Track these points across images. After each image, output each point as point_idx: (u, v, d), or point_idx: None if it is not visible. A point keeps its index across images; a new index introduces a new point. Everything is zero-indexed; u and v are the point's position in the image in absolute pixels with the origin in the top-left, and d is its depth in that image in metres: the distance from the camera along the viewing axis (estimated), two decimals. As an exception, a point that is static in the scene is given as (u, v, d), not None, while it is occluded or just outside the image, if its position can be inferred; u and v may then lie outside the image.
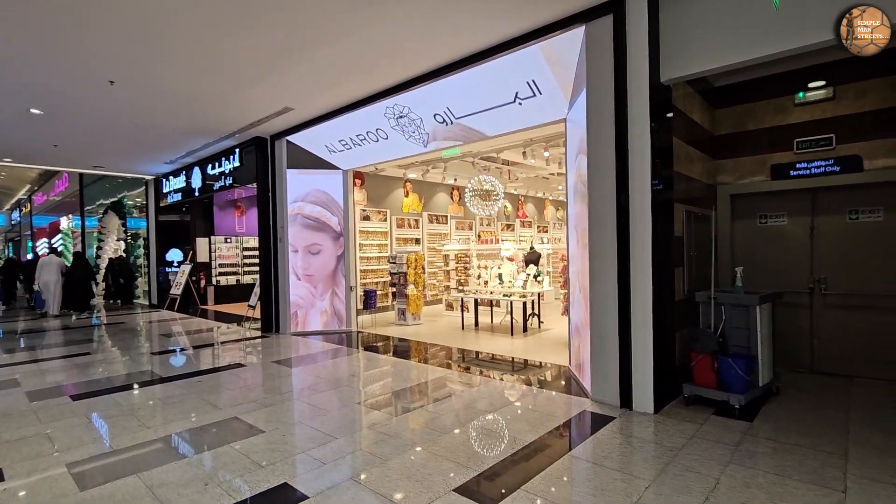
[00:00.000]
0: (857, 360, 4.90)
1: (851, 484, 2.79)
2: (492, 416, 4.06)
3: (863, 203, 4.85)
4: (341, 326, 8.54)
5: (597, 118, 4.33)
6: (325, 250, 8.58)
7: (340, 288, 8.62)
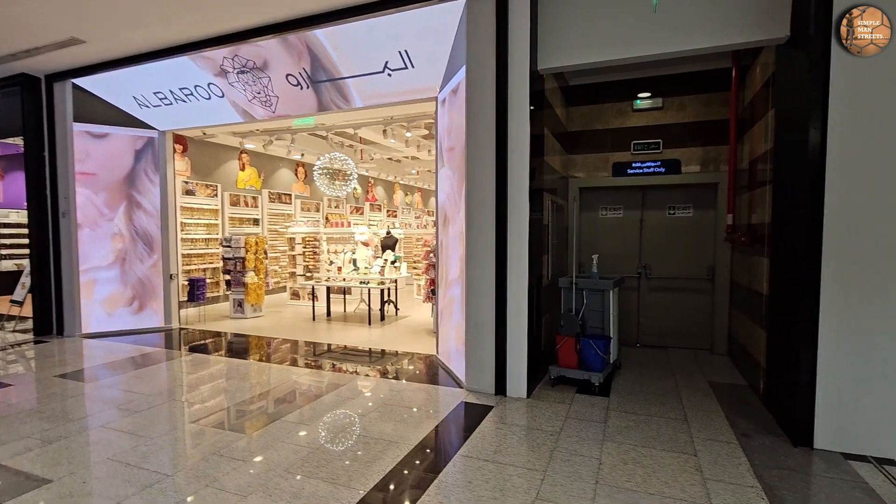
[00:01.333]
0: (670, 334, 5.82)
1: (699, 446, 3.17)
2: (365, 419, 3.63)
3: (679, 200, 5.73)
4: (158, 323, 6.99)
5: (477, 101, 4.16)
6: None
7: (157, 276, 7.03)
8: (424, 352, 5.68)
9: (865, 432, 3.03)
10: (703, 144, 5.49)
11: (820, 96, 3.00)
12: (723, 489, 2.64)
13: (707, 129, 5.45)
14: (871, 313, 2.98)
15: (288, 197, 11.35)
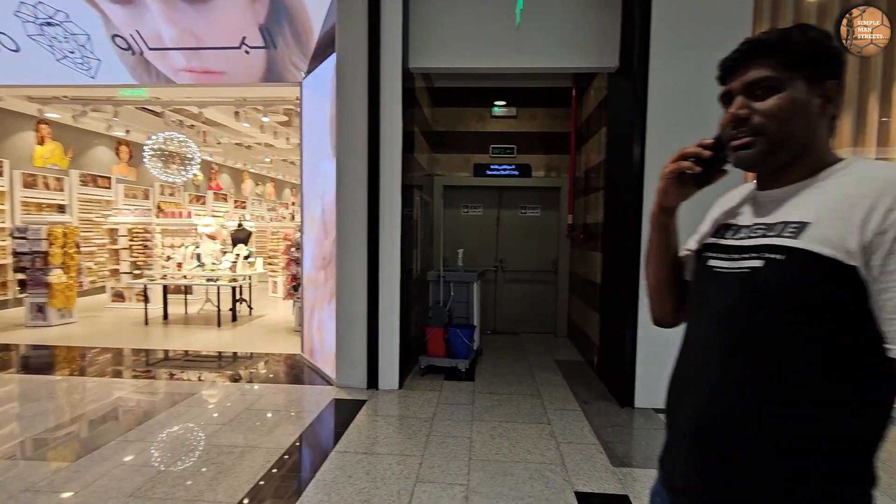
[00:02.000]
0: (522, 321, 6.47)
1: (552, 416, 3.62)
2: (225, 428, 3.30)
3: (530, 201, 6.40)
4: (-88, 338, 5.31)
5: (348, 91, 4.07)
6: None
7: None
8: (287, 351, 5.36)
9: (668, 390, 3.81)
10: (548, 152, 6.22)
11: (641, 118, 3.66)
12: (572, 449, 3.06)
13: (553, 139, 6.19)
14: (673, 295, 3.75)
15: (106, 180, 9.58)
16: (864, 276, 0.74)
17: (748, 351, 0.81)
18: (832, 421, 0.76)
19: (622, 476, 2.76)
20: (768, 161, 0.86)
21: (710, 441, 0.85)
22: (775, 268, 0.79)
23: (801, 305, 0.76)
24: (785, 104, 0.82)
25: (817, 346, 0.76)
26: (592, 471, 2.81)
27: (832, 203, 0.78)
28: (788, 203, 0.85)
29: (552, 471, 2.79)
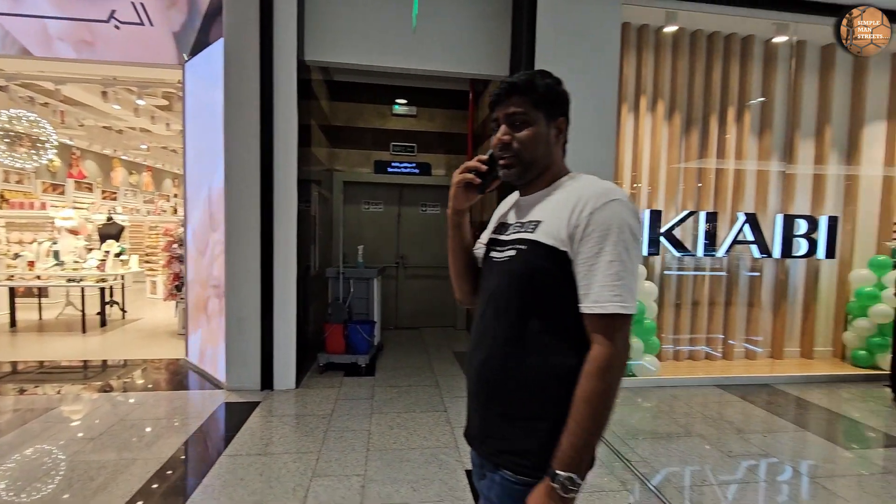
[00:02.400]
0: (422, 315, 6.64)
1: (448, 404, 3.81)
2: (96, 444, 2.99)
3: (430, 199, 6.58)
4: None
5: (238, 78, 3.87)
6: None
7: None
8: (169, 356, 4.94)
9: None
10: (448, 152, 6.45)
11: (527, 125, 3.98)
12: (466, 432, 3.26)
13: (452, 139, 6.42)
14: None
15: (-72, 164, 7.93)
16: (571, 258, 1.01)
17: (504, 317, 1.08)
18: (556, 359, 1.03)
19: (509, 452, 3.01)
20: (524, 176, 1.12)
21: (482, 389, 1.12)
22: (520, 255, 1.07)
23: (534, 281, 1.04)
24: (533, 135, 1.08)
25: (546, 309, 1.04)
26: (483, 450, 3.02)
27: (555, 206, 1.07)
28: (534, 207, 1.12)
29: (446, 453, 2.96)
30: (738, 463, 2.96)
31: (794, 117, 5.03)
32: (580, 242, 1.00)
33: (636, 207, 1.06)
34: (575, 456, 0.96)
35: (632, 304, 0.98)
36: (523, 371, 1.05)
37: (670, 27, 4.52)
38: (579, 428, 0.97)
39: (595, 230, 0.99)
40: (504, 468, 1.07)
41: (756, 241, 4.89)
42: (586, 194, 1.03)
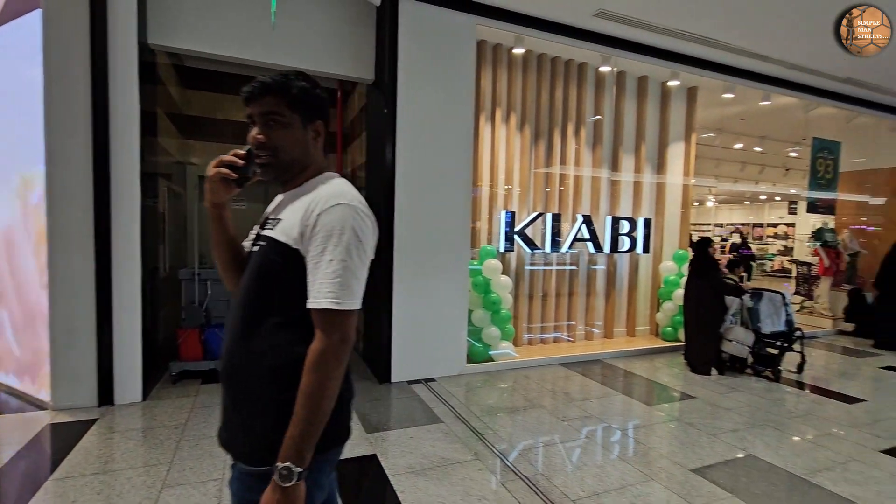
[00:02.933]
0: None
1: (315, 401, 3.80)
2: None
3: (298, 197, 6.40)
4: None
5: (61, 60, 3.38)
6: None
7: None
8: (-30, 380, 4.11)
9: (418, 365, 4.44)
10: (316, 150, 6.35)
11: (391, 128, 4.16)
12: (333, 427, 3.32)
13: (319, 137, 6.33)
14: (418, 285, 4.38)
15: None
16: (304, 255, 1.07)
17: (243, 311, 1.12)
18: (288, 354, 1.07)
19: (374, 440, 3.15)
20: (280, 175, 1.18)
21: (223, 381, 1.15)
22: (261, 251, 1.13)
23: (270, 277, 1.10)
24: (290, 137, 1.14)
25: (281, 304, 1.09)
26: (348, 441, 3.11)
27: (297, 205, 1.12)
28: (286, 204, 1.17)
29: (311, 448, 2.99)
30: (571, 426, 3.48)
31: (618, 134, 5.99)
32: (308, 242, 1.06)
33: (366, 212, 1.14)
34: (293, 447, 0.98)
35: (349, 301, 1.04)
36: (255, 364, 1.08)
37: (519, 49, 5.07)
38: (297, 419, 0.99)
39: (320, 231, 1.05)
40: (239, 460, 1.10)
41: (591, 239, 5.73)
42: (320, 196, 1.09)
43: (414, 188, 4.29)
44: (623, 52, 5.26)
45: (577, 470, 2.84)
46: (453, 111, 4.42)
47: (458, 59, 4.42)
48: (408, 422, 3.46)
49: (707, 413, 3.82)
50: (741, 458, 3.05)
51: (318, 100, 1.18)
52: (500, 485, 2.64)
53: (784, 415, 3.84)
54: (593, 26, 4.89)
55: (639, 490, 2.62)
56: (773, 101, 6.62)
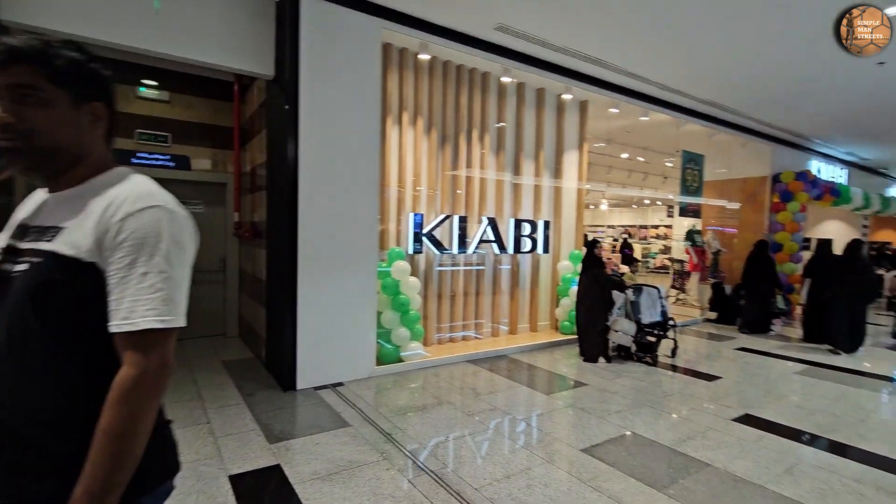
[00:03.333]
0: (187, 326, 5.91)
1: (212, 415, 3.56)
2: None
3: (191, 196, 5.92)
4: None
5: None
6: None
7: None
8: None
9: (325, 370, 4.34)
10: (213, 146, 5.93)
11: (293, 126, 4.03)
12: (231, 440, 3.14)
13: (216, 132, 5.93)
14: (324, 288, 4.29)
15: None
16: (102, 269, 0.88)
17: (18, 346, 0.86)
18: (81, 391, 0.88)
19: (276, 450, 3.03)
20: (38, 167, 0.93)
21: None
22: (34, 269, 0.87)
23: (50, 301, 0.86)
24: (50, 118, 0.89)
25: (69, 333, 0.87)
26: (249, 453, 2.97)
27: (83, 209, 0.91)
28: (60, 208, 0.94)
29: (207, 464, 2.80)
30: (477, 419, 3.63)
31: (520, 141, 6.35)
32: (110, 252, 0.87)
33: (183, 213, 1.00)
34: (92, 501, 0.79)
35: (174, 316, 0.90)
36: (39, 410, 0.87)
37: (424, 55, 5.18)
38: (96, 468, 0.81)
39: (128, 239, 0.87)
40: None
41: (496, 240, 6.01)
42: (121, 197, 0.90)
43: (319, 188, 4.19)
44: (522, 65, 5.60)
45: (481, 460, 2.98)
46: (359, 112, 4.40)
47: (363, 61, 4.40)
48: (314, 428, 3.38)
49: (597, 398, 4.20)
50: (622, 435, 3.41)
51: (96, 76, 0.95)
52: (408, 482, 2.68)
53: (659, 395, 4.34)
54: (494, 39, 5.15)
55: (536, 472, 2.82)
56: (651, 117, 7.46)
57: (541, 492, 2.62)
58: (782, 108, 7.75)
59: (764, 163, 9.69)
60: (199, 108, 5.84)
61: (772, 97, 7.14)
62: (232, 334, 6.19)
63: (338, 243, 4.33)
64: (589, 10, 4.47)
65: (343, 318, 4.40)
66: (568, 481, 2.74)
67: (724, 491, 2.69)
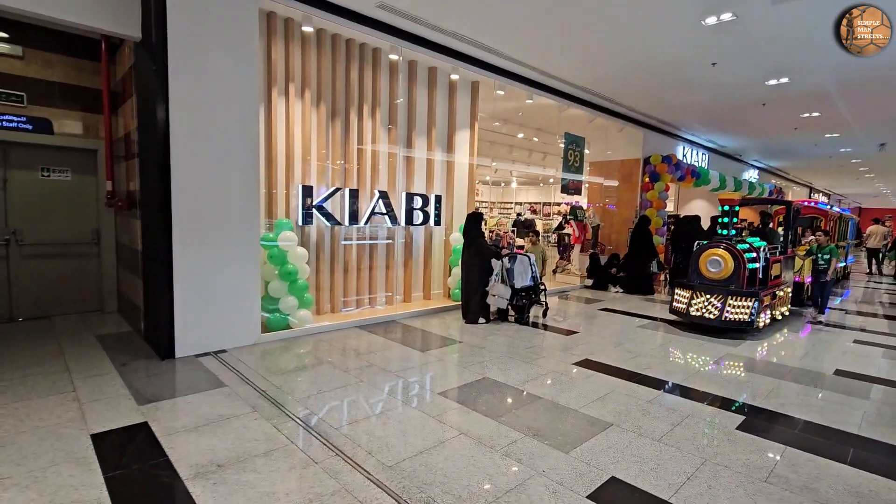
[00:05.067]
0: (55, 302, 5.56)
1: (79, 384, 3.54)
2: None
3: (55, 162, 5.49)
4: None
5: None
6: None
7: None
8: None
9: (206, 337, 4.40)
10: (82, 109, 5.51)
11: (163, 91, 3.95)
12: (99, 405, 3.19)
13: (84, 94, 5.51)
14: (202, 256, 4.32)
15: None
16: None
17: None
18: None
19: (146, 410, 3.14)
20: None
21: None
22: None
23: None
24: None
25: None
26: (116, 415, 3.05)
27: None
28: None
29: (68, 427, 2.86)
30: (351, 374, 3.97)
31: (412, 118, 6.62)
32: None
33: None
34: None
35: None
36: None
37: (308, 27, 5.21)
38: None
39: None
40: None
41: (388, 213, 6.29)
42: None
43: (193, 155, 4.17)
44: (409, 43, 5.84)
45: (346, 406, 3.32)
46: (236, 78, 4.38)
47: (239, 27, 4.37)
48: (189, 390, 3.51)
49: (467, 353, 4.73)
50: (477, 380, 3.94)
51: None
52: (273, 427, 2.95)
53: (522, 348, 4.98)
54: (378, 15, 5.31)
55: (394, 413, 3.23)
56: (536, 100, 8.08)
57: (394, 427, 3.03)
58: (648, 98, 8.77)
59: (637, 146, 10.89)
60: (62, 67, 5.38)
61: (638, 87, 8.07)
62: (110, 310, 5.91)
63: (215, 212, 4.36)
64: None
65: (224, 287, 4.47)
66: (420, 417, 3.18)
67: (545, 415, 3.29)
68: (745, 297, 5.75)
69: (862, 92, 7.74)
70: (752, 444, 2.98)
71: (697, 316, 5.93)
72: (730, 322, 5.73)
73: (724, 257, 5.93)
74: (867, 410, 3.61)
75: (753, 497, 2.40)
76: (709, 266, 6.04)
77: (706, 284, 6.02)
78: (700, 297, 5.99)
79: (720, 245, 6.04)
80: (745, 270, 5.86)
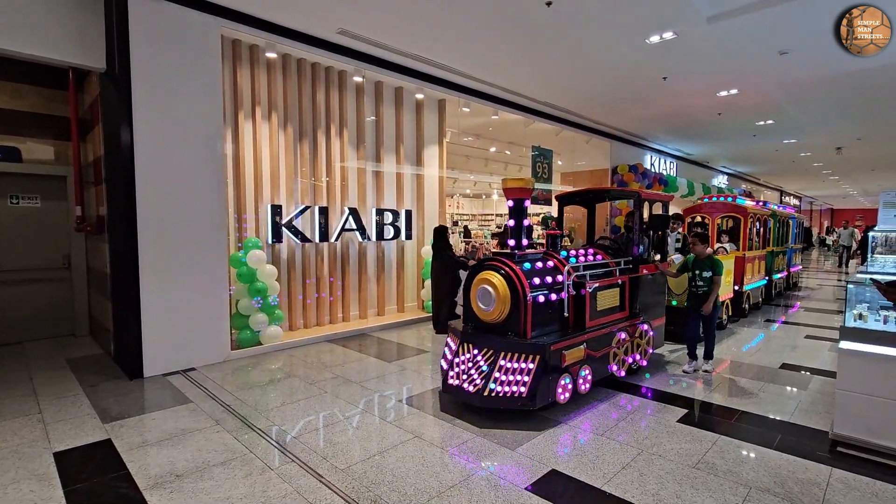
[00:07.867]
0: (26, 327, 5.60)
1: (45, 406, 3.61)
2: None
3: (24, 190, 5.57)
4: None
5: None
6: None
7: None
8: None
9: (174, 357, 4.49)
10: (53, 137, 5.63)
11: (128, 119, 4.11)
12: (63, 425, 3.27)
13: (54, 123, 5.62)
14: (169, 277, 4.43)
15: None
16: None
17: None
18: None
19: (110, 428, 3.23)
20: None
21: None
22: None
23: None
24: None
25: None
26: (80, 434, 3.14)
27: None
28: None
29: (31, 446, 2.94)
30: (316, 386, 4.09)
31: (380, 137, 6.84)
32: None
33: None
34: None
35: None
36: None
37: (271, 53, 5.42)
38: None
39: None
40: None
41: (358, 228, 6.46)
42: None
43: (158, 181, 4.31)
44: (373, 66, 6.08)
45: (307, 416, 3.45)
46: (200, 105, 4.56)
47: (202, 56, 4.56)
48: (154, 407, 3.60)
49: (434, 361, 4.87)
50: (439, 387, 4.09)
51: None
52: (233, 438, 3.07)
53: (487, 355, 5.14)
54: (340, 41, 5.55)
55: (353, 420, 3.37)
56: (502, 116, 8.38)
57: (352, 433, 3.17)
58: (610, 111, 9.14)
59: (606, 156, 11.25)
60: (32, 97, 5.50)
61: (599, 101, 8.42)
62: (82, 333, 5.95)
63: (182, 234, 4.49)
64: (428, 21, 5.05)
65: (191, 307, 4.58)
66: (378, 424, 3.32)
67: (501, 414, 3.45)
68: (523, 353, 3.37)
69: (812, 95, 8.16)
70: None
71: (454, 386, 3.54)
72: (497, 398, 3.31)
73: (497, 286, 3.50)
74: None
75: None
76: (479, 300, 3.64)
77: (479, 330, 3.68)
78: (464, 353, 3.61)
79: (501, 264, 3.62)
80: (527, 306, 3.45)
